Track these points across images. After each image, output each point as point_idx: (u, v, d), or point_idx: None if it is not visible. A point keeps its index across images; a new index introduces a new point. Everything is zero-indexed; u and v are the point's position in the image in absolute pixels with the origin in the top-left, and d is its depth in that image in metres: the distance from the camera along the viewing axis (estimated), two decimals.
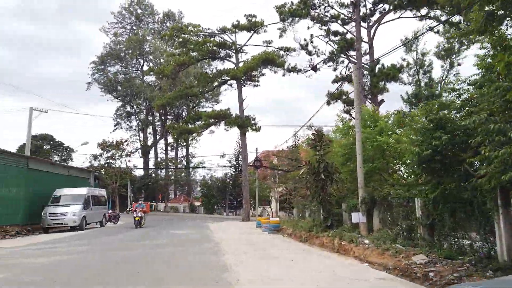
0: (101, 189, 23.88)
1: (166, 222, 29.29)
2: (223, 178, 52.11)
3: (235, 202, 52.35)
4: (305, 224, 16.27)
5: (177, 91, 36.34)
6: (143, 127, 55.28)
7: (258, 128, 32.80)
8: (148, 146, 55.57)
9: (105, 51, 55.91)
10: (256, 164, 36.05)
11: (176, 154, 63.41)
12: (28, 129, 41.96)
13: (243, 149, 33.19)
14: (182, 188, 70.45)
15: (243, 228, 22.55)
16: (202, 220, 33.51)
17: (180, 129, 32.69)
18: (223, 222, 30.31)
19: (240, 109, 33.62)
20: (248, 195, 32.94)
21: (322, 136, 14.08)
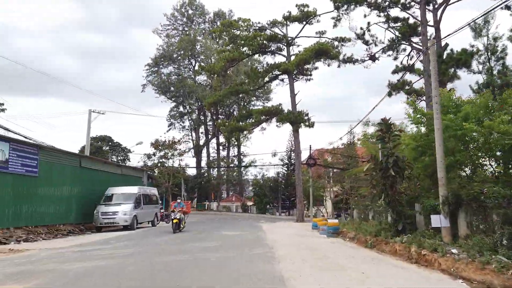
0: (152, 188, 23.59)
1: (219, 222, 28.51)
2: (275, 177, 50.82)
3: (288, 202, 50.83)
4: (370, 227, 14.37)
5: (228, 88, 35.59)
6: (195, 126, 55.53)
7: (311, 123, 31.04)
8: (200, 146, 55.74)
9: (159, 53, 56.96)
10: (310, 162, 34.29)
11: (228, 153, 63.22)
12: (87, 131, 43.58)
13: (296, 146, 31.57)
14: (234, 188, 70.26)
15: (298, 230, 20.99)
16: (254, 220, 32.40)
17: (230, 126, 31.80)
18: (276, 223, 28.94)
19: (292, 104, 32.05)
20: (301, 195, 31.30)
21: (390, 126, 12.14)
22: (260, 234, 17.11)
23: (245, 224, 25.29)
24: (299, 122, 31.07)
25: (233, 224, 25.83)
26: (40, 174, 15.94)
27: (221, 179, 55.44)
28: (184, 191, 52.52)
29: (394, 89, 28.79)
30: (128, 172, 25.77)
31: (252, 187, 56.00)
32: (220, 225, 23.94)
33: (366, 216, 18.76)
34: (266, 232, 18.71)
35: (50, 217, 16.64)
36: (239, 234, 17.19)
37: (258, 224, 26.13)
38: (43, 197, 16.39)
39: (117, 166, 23.98)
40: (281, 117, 30.87)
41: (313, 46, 30.80)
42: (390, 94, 28.93)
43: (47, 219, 16.15)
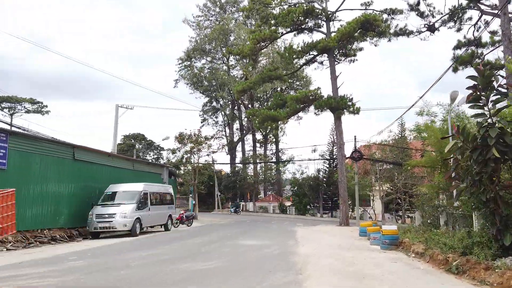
0: (167, 185, 20.15)
1: (248, 225, 24.56)
2: (315, 174, 46.03)
3: (331, 202, 45.92)
4: (449, 239, 9.72)
5: (260, 74, 31.62)
6: (229, 121, 52.07)
7: (356, 109, 26.21)
8: (235, 142, 52.20)
9: (191, 46, 54.19)
10: (355, 156, 29.39)
11: (265, 150, 59.26)
12: (114, 126, 41.26)
13: (338, 137, 26.89)
14: (272, 187, 66.15)
15: (341, 238, 16.50)
16: (291, 223, 28.11)
17: (262, 115, 27.74)
18: (316, 227, 24.49)
19: (333, 87, 27.41)
20: (346, 194, 26.59)
21: (491, 78, 7.45)
22: (290, 245, 12.88)
23: (276, 229, 21.11)
24: (341, 108, 26.38)
25: (262, 228, 21.75)
26: (10, 166, 12.78)
27: (258, 177, 51.47)
28: (217, 191, 49.30)
29: (461, 63, 23.38)
30: (142, 168, 22.50)
31: (291, 186, 51.54)
32: (245, 230, 19.95)
33: (435, 221, 13.92)
34: (300, 241, 14.45)
35: (27, 222, 13.44)
36: (261, 244, 13.07)
37: (293, 228, 21.85)
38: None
39: (126, 160, 20.78)
40: (320, 103, 26.33)
41: (358, 18, 26.00)
42: (456, 69, 23.53)
43: (22, 223, 12.93)
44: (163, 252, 11.29)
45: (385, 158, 29.71)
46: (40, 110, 71.45)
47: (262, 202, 53.45)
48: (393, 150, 33.61)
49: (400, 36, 26.05)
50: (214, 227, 22.89)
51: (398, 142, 34.83)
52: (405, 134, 38.25)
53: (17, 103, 69.91)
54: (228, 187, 48.72)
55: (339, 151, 26.88)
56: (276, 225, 24.46)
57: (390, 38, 26.59)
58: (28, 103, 70.41)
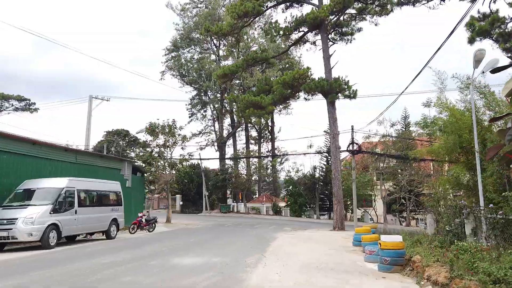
0: (112, 182, 16.15)
1: (221, 231, 20.54)
2: (311, 172, 41.99)
3: (328, 202, 41.85)
4: (497, 265, 5.67)
5: (243, 58, 27.69)
6: (218, 115, 47.99)
7: (353, 92, 22.18)
8: (225, 137, 48.14)
9: (178, 35, 50.24)
10: (352, 149, 25.31)
11: (259, 147, 55.28)
12: (87, 119, 37.49)
13: (332, 125, 22.82)
14: (268, 187, 62.07)
15: (328, 250, 12.45)
16: (278, 227, 24.09)
17: (244, 101, 23.75)
18: (305, 232, 20.47)
19: (326, 68, 23.41)
20: (341, 192, 22.54)
21: None
22: (245, 266, 8.83)
23: (251, 236, 17.08)
24: (335, 92, 22.36)
25: (235, 235, 17.73)
26: None
27: (250, 175, 47.33)
28: (205, 191, 45.32)
29: (479, 34, 19.27)
30: (90, 161, 18.49)
31: (285, 185, 47.48)
32: (209, 238, 15.91)
33: (458, 228, 9.81)
34: (267, 256, 10.42)
35: None
36: (202, 264, 9.00)
37: (274, 235, 17.82)
38: None
39: (64, 151, 16.78)
40: (310, 86, 22.30)
41: None
42: (473, 40, 19.43)
43: None
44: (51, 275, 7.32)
45: (387, 152, 25.62)
46: (28, 107, 67.86)
47: (255, 203, 49.39)
48: (396, 143, 29.51)
49: (405, 6, 22.03)
50: (179, 233, 18.91)
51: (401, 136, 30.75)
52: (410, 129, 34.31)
53: (3, 100, 66.38)
54: (217, 186, 44.67)
55: (333, 142, 22.82)
56: (256, 231, 20.43)
57: (393, 8, 22.55)
58: (15, 100, 66.84)
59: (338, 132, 22.93)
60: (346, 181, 35.72)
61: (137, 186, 23.38)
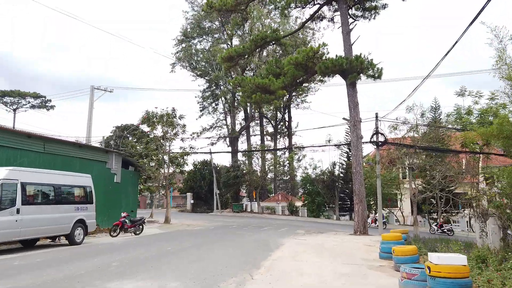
0: (80, 174, 13.27)
1: (221, 234, 17.49)
2: (330, 169, 38.43)
3: (349, 201, 38.23)
4: None
5: (251, 38, 24.52)
6: (230, 108, 44.98)
7: (377, 71, 18.70)
8: (237, 132, 45.09)
9: (187, 24, 47.62)
10: (376, 140, 21.80)
11: (274, 143, 52.01)
12: (89, 110, 35.14)
13: (352, 111, 19.37)
14: (285, 185, 58.74)
15: (346, 267, 9.15)
16: (290, 229, 20.85)
17: (250, 84, 20.63)
18: (320, 236, 17.16)
19: (345, 44, 20.02)
20: (363, 189, 19.08)
21: None
22: None
23: (251, 242, 13.92)
24: (356, 71, 18.91)
25: (233, 240, 14.62)
26: None
27: (265, 173, 44.04)
28: (216, 189, 42.44)
29: None
30: (65, 151, 15.68)
31: (301, 183, 44.05)
32: (199, 244, 12.85)
33: None
34: (260, 276, 7.34)
35: None
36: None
37: (281, 240, 14.62)
38: None
39: (27, 138, 14.00)
40: (326, 64, 18.92)
41: None
42: None
43: None
44: None
45: (418, 143, 21.84)
46: (44, 105, 66.87)
47: (270, 202, 46.23)
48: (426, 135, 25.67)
49: None
50: (166, 237, 15.96)
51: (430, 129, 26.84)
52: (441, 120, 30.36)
53: (20, 97, 65.55)
54: (228, 184, 41.68)
55: (353, 131, 19.36)
56: (262, 234, 17.25)
57: None
58: (32, 97, 65.95)
59: (360, 119, 19.46)
60: (369, 179, 32.06)
61: (129, 182, 20.62)
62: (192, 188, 46.59)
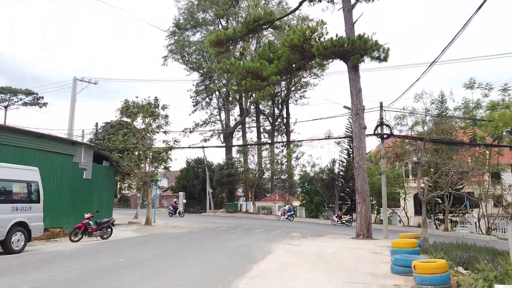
0: (21, 167, 10.84)
1: (202, 239, 15.17)
2: (330, 167, 36.10)
3: (350, 201, 35.90)
4: None
5: (244, 21, 22.21)
6: (224, 102, 42.58)
7: (384, 52, 16.36)
8: (231, 128, 42.69)
9: (179, 15, 45.33)
10: (381, 133, 19.47)
11: (272, 140, 49.59)
12: (71, 102, 32.92)
13: (355, 98, 17.00)
14: (283, 184, 56.32)
15: (346, 285, 6.77)
16: (282, 232, 18.52)
17: (240, 69, 18.29)
18: (318, 240, 14.85)
19: (347, 23, 17.69)
20: (366, 187, 16.68)
21: None
22: None
23: (232, 249, 11.57)
24: (359, 53, 16.56)
25: (213, 246, 12.28)
26: None
27: (261, 170, 41.61)
28: (208, 187, 40.10)
29: None
30: (16, 142, 13.39)
31: (300, 181, 41.71)
32: (167, 252, 10.53)
33: None
34: None
35: None
36: None
37: (270, 246, 12.30)
38: None
39: None
40: (325, 45, 16.59)
41: None
42: None
43: None
44: None
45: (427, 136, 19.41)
46: (37, 102, 64.70)
47: (266, 201, 43.88)
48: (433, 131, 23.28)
49: None
50: (137, 243, 13.61)
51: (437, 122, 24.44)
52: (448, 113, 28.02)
53: (11, 94, 63.32)
54: (221, 183, 39.32)
55: (356, 120, 16.99)
56: (249, 239, 14.91)
57: None
58: (23, 94, 63.77)
59: (363, 107, 17.10)
60: (371, 177, 29.76)
61: (102, 178, 18.33)
62: (184, 187, 44.32)
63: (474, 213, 30.49)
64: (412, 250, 9.36)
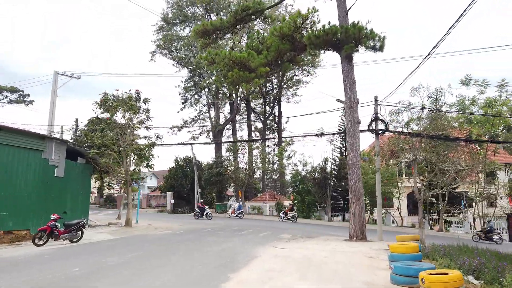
0: None
1: (171, 243, 13.94)
2: (322, 165, 35.07)
3: (342, 201, 34.92)
4: None
5: (232, 11, 21.04)
6: (214, 99, 41.27)
7: (380, 40, 15.29)
8: (221, 125, 41.40)
9: (168, 8, 44.00)
10: (376, 128, 18.42)
11: (263, 140, 48.37)
12: (52, 97, 31.42)
13: (348, 90, 15.90)
14: (275, 184, 55.13)
15: None
16: (271, 234, 17.36)
17: (226, 59, 17.09)
18: (307, 243, 13.71)
19: (340, 9, 16.60)
20: (361, 185, 15.59)
21: None
22: None
23: (213, 254, 10.37)
24: (353, 41, 15.46)
25: (194, 251, 11.07)
26: None
27: (252, 169, 40.29)
28: (197, 187, 38.82)
29: None
30: None
31: (291, 180, 40.62)
32: (138, 258, 9.31)
33: None
34: None
35: None
36: None
37: (254, 251, 11.12)
38: None
39: None
40: (317, 34, 15.48)
41: None
42: None
43: None
44: None
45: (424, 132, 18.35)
46: (23, 100, 62.92)
47: (257, 201, 42.66)
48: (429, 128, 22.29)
49: None
50: (110, 247, 12.34)
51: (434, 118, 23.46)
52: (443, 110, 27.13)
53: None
54: (210, 182, 38.03)
55: (349, 114, 15.89)
56: (233, 242, 13.71)
57: None
58: (9, 91, 61.94)
59: (357, 100, 16.02)
60: (364, 176, 28.83)
61: (77, 176, 16.99)
62: (173, 187, 42.93)
63: (469, 213, 29.75)
64: (413, 256, 8.27)
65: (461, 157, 23.28)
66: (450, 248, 10.49)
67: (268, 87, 50.01)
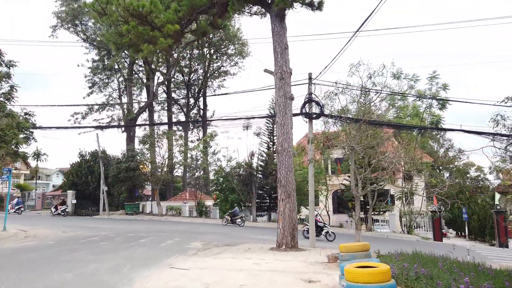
0: None
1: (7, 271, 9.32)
2: (247, 161, 31.68)
3: (269, 199, 31.87)
4: None
5: None
6: (126, 83, 35.71)
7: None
8: (134, 113, 35.93)
9: None
10: (309, 111, 15.24)
11: (185, 133, 43.64)
12: None
13: (279, 57, 12.45)
14: (198, 182, 50.57)
15: None
16: (180, 242, 13.30)
17: (122, 12, 12.64)
18: (220, 258, 9.93)
19: None
20: (292, 178, 12.19)
21: None
22: None
23: (72, 286, 6.05)
24: None
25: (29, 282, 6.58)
26: None
27: (168, 165, 35.42)
28: (103, 185, 33.10)
29: None
30: None
31: (215, 178, 36.65)
32: None
33: None
34: None
35: None
36: None
37: (142, 274, 6.99)
38: None
39: None
40: None
41: None
42: None
43: None
44: None
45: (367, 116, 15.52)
46: None
47: (175, 201, 38.02)
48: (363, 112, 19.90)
49: None
50: None
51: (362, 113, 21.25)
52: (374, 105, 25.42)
53: None
54: (118, 178, 32.51)
55: (280, 87, 12.41)
56: (113, 260, 9.44)
57: None
58: None
59: (290, 70, 12.62)
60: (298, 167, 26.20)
61: None
62: (75, 185, 36.51)
63: (395, 210, 28.72)
64: (384, 287, 4.89)
65: (396, 153, 21.50)
66: (406, 257, 7.42)
67: (193, 77, 45.68)
